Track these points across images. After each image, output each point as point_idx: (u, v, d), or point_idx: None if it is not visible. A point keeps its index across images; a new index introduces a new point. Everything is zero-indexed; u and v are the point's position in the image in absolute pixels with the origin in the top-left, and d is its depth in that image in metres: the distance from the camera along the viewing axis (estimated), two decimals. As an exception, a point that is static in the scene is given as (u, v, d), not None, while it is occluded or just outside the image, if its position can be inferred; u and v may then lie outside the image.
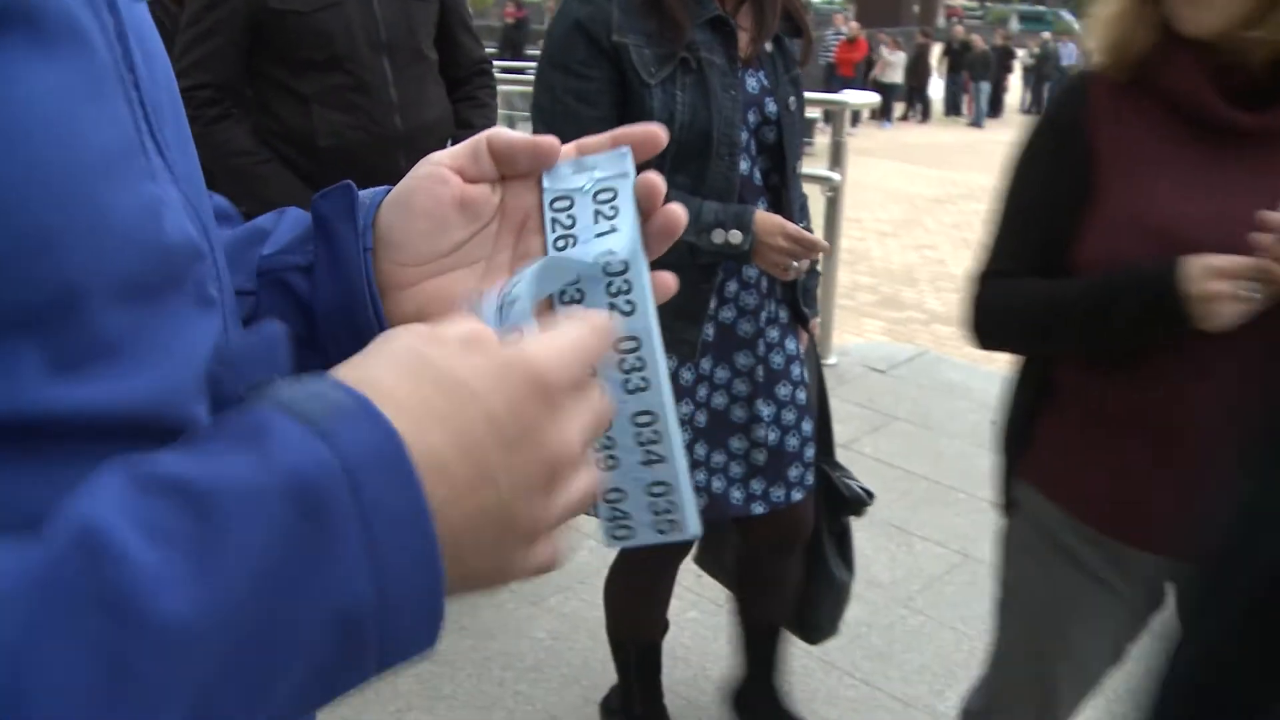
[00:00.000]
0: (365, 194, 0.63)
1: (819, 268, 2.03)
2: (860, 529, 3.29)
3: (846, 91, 5.51)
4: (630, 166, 0.59)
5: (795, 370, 2.00)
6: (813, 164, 3.67)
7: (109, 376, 0.42)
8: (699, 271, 1.81)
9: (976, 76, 21.82)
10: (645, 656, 2.32)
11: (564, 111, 1.76)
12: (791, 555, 2.19)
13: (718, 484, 1.96)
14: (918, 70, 21.50)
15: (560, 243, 0.59)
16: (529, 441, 0.43)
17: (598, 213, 0.59)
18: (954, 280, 8.03)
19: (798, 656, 2.68)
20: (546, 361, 0.44)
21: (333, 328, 0.62)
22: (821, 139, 14.92)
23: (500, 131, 0.61)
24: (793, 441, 2.00)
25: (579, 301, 0.58)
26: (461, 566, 0.42)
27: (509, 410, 0.42)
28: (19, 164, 0.38)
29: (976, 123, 21.70)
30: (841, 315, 6.67)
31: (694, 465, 1.93)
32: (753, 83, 1.83)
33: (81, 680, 0.32)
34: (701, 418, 1.93)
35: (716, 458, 1.96)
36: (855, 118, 15.71)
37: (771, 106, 1.84)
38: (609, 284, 0.57)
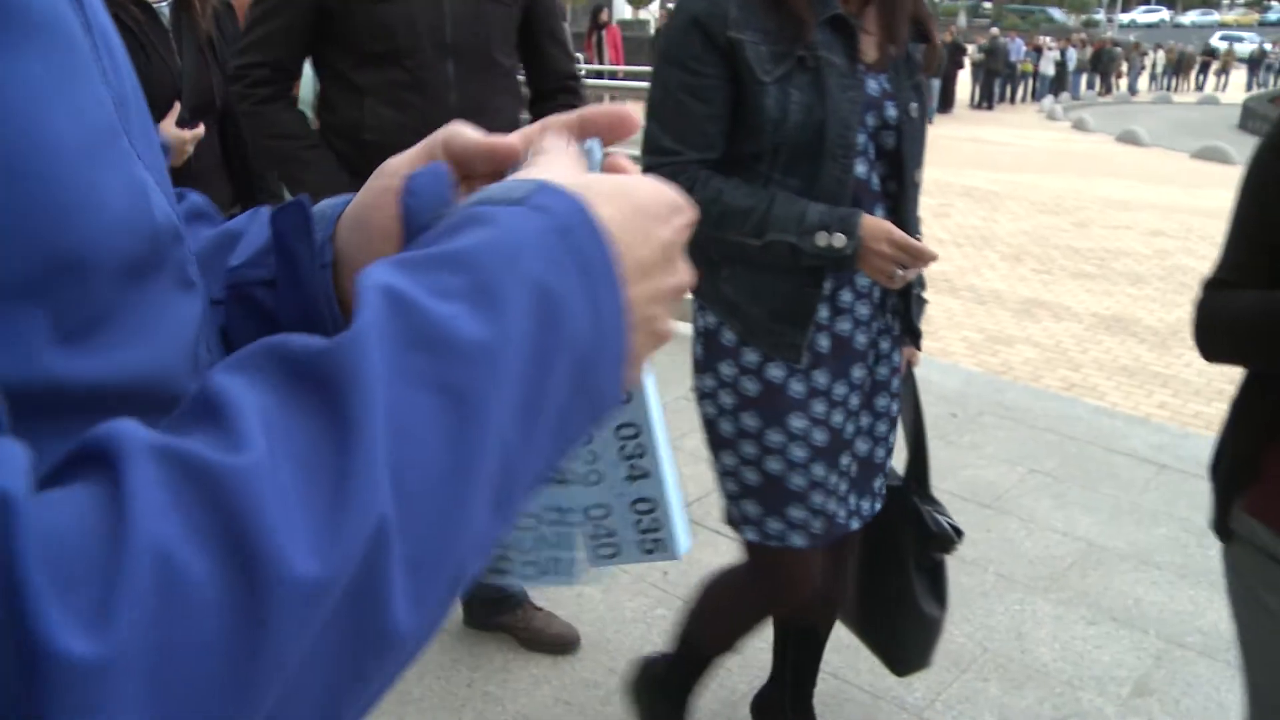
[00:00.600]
0: (325, 205, 0.63)
1: (923, 290, 1.96)
2: (825, 523, 3.31)
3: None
4: (596, 158, 0.57)
5: (894, 383, 1.96)
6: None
7: (109, 349, 0.45)
8: (806, 274, 1.77)
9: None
10: (702, 667, 2.24)
11: (674, 105, 1.74)
12: (846, 567, 2.15)
13: (833, 506, 1.90)
14: None
15: None
16: (662, 219, 0.52)
17: None
18: (909, 274, 8.09)
19: (765, 651, 2.68)
20: (684, 207, 0.55)
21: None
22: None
23: (457, 133, 0.60)
24: (880, 453, 1.97)
25: None
26: (634, 311, 0.49)
27: (649, 199, 0.52)
28: (24, 139, 0.40)
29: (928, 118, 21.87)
30: (799, 311, 6.69)
31: (813, 486, 1.86)
32: (874, 85, 1.77)
33: (427, 407, 0.39)
34: (820, 435, 1.85)
35: (831, 478, 1.88)
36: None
37: (891, 111, 1.78)
38: None
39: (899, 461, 2.07)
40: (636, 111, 0.62)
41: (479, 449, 0.40)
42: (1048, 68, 28.99)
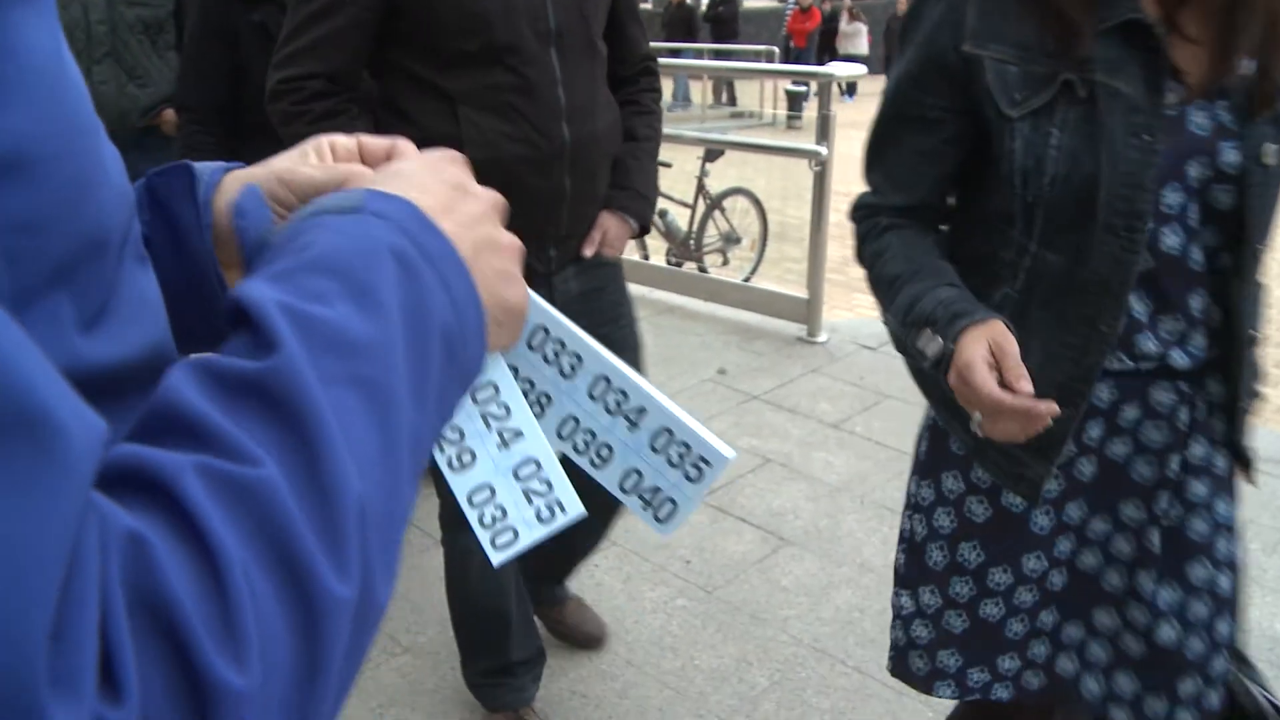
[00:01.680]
0: (202, 168, 0.66)
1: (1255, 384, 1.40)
2: (851, 511, 3.24)
3: (834, 64, 5.44)
4: None
5: (1222, 546, 1.38)
6: (800, 138, 3.58)
7: (118, 328, 0.46)
8: (1058, 389, 1.27)
9: None
10: None
11: (886, 133, 1.41)
12: None
13: (1065, 664, 1.47)
14: (890, 40, 20.99)
15: None
16: (469, 193, 0.57)
17: None
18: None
19: (788, 644, 2.62)
20: (454, 155, 0.60)
21: (176, 299, 0.63)
22: (809, 112, 14.78)
23: (293, 176, 0.64)
24: (1198, 645, 1.37)
25: None
26: (483, 292, 0.54)
27: (455, 177, 0.57)
28: (58, 115, 0.40)
29: None
30: (832, 290, 6.59)
31: (1034, 634, 1.46)
32: (1201, 119, 1.25)
33: (354, 401, 0.43)
34: (1057, 578, 1.43)
35: (1070, 631, 1.46)
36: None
37: (1231, 155, 1.24)
38: None
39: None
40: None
41: (397, 429, 0.44)
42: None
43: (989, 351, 1.19)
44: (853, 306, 6.49)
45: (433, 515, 2.20)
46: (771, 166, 9.41)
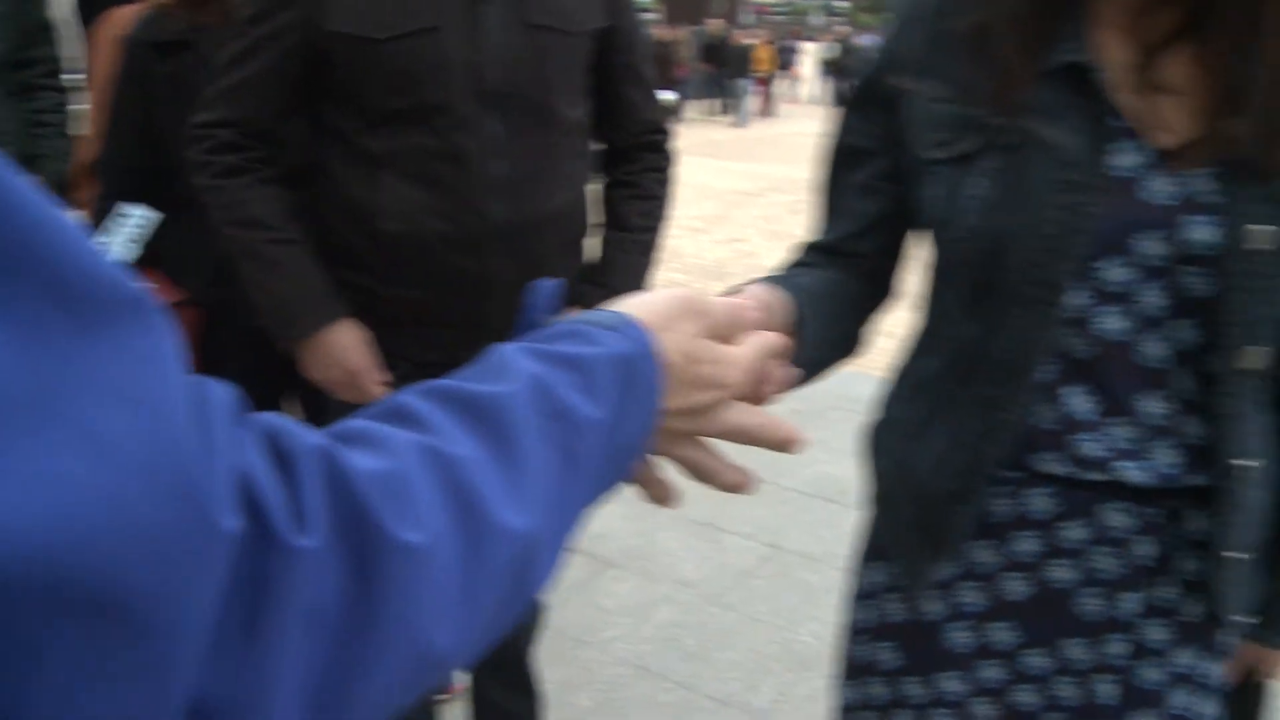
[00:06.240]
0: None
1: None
2: (668, 528, 3.29)
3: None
4: None
5: (1179, 700, 1.12)
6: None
7: None
8: (960, 479, 1.13)
9: (732, 74, 20.76)
10: None
11: (827, 165, 1.24)
12: None
13: None
14: (662, 67, 20.86)
15: None
16: (705, 365, 0.66)
17: None
18: (766, 272, 8.17)
19: (610, 665, 2.64)
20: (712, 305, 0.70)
21: None
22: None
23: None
24: None
25: None
26: (664, 418, 0.65)
27: (696, 344, 0.66)
28: None
29: (739, 123, 20.53)
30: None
31: None
32: (1162, 186, 1.01)
33: (552, 459, 0.54)
34: (986, 711, 1.17)
35: None
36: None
37: (1201, 233, 1.00)
38: None
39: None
40: None
41: (576, 489, 0.56)
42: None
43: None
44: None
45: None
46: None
